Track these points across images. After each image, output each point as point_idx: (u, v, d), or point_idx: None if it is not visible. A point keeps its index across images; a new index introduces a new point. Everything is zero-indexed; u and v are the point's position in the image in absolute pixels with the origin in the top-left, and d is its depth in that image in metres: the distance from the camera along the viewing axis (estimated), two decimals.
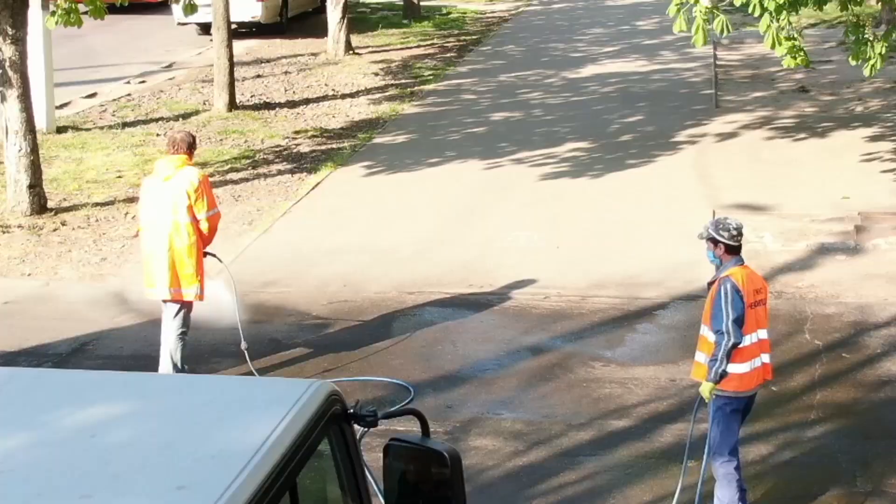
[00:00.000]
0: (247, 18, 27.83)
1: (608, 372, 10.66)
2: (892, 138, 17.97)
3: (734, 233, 8.09)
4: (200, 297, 10.32)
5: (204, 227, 10.24)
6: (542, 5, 35.53)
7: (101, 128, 19.55)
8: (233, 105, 20.71)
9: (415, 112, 21.10)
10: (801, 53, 13.38)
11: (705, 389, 8.02)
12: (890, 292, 12.23)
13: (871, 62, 13.45)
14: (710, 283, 8.21)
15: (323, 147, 18.64)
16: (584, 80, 23.50)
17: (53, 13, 14.28)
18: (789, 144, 18.03)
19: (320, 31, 27.55)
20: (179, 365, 10.27)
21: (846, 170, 16.41)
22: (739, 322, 7.90)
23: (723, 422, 8.08)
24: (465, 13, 33.28)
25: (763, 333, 8.16)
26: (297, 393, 4.11)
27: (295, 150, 18.43)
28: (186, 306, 10.32)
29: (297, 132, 19.53)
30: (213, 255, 10.52)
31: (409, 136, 19.26)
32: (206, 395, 4.27)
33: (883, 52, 13.49)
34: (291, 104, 21.49)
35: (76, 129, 19.40)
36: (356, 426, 4.42)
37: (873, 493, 8.69)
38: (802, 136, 18.45)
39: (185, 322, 10.32)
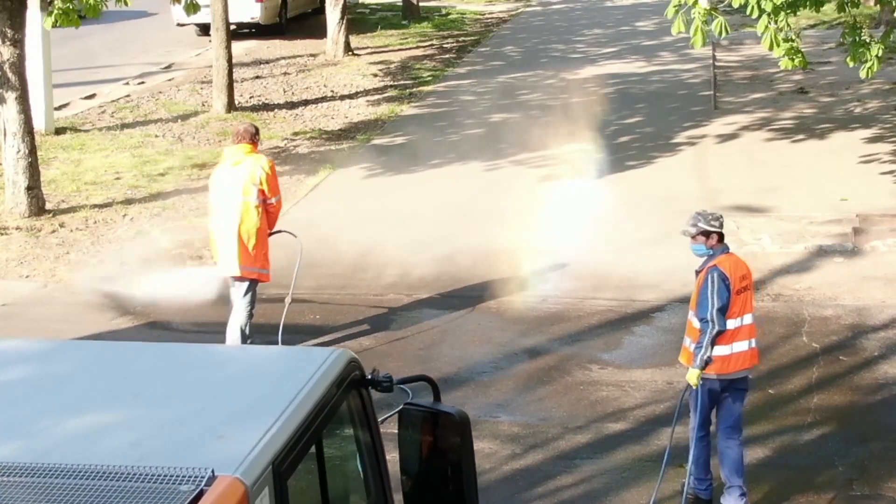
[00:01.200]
0: (246, 19, 27.82)
1: (605, 375, 10.67)
2: (891, 140, 17.96)
3: (721, 220, 8.55)
4: (267, 277, 11.04)
5: (273, 209, 10.97)
6: (541, 6, 35.53)
7: (100, 129, 19.55)
8: (231, 106, 20.71)
9: (414, 113, 21.10)
10: (799, 55, 13.38)
11: (692, 376, 8.32)
12: (888, 294, 12.22)
13: (868, 64, 13.42)
14: (698, 272, 8.52)
15: (321, 148, 18.64)
16: (583, 81, 23.48)
17: (50, 13, 14.27)
18: (788, 146, 18.02)
19: (319, 31, 27.54)
20: (248, 333, 10.95)
21: (845, 171, 16.39)
22: (724, 310, 8.28)
23: (698, 399, 8.39)
24: (464, 14, 33.28)
25: (748, 318, 8.48)
26: (321, 359, 4.54)
27: (293, 152, 18.43)
28: (254, 284, 10.97)
29: (295, 133, 19.53)
30: (286, 232, 11.24)
31: (408, 137, 19.25)
32: (239, 361, 4.86)
33: (880, 54, 13.46)
34: (290, 105, 21.49)
35: (75, 130, 19.39)
36: (391, 409, 4.91)
37: (870, 496, 8.70)
38: (801, 137, 18.44)
39: (253, 299, 10.99)
